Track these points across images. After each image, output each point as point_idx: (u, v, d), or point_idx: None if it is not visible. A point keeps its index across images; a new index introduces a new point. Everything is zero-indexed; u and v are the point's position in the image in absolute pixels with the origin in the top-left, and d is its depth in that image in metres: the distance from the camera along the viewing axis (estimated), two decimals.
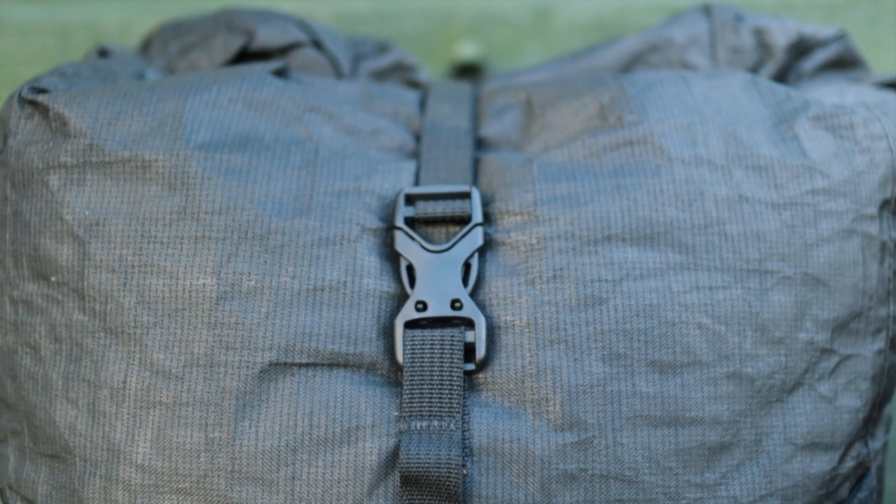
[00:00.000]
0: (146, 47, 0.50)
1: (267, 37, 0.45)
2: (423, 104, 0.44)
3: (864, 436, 0.39)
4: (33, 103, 0.39)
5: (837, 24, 0.65)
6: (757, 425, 0.37)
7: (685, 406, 0.36)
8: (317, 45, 0.46)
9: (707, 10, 0.48)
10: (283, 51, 0.46)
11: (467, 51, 0.65)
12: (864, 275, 0.39)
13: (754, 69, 0.47)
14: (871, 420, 0.39)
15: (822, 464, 0.37)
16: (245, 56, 0.47)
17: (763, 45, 0.47)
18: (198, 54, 0.46)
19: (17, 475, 0.38)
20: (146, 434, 0.36)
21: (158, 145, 0.37)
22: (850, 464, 0.38)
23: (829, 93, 0.44)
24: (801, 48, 0.48)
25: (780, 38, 0.47)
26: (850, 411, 0.38)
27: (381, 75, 0.48)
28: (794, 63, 0.48)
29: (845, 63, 0.49)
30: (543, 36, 0.67)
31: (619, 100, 0.40)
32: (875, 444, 0.40)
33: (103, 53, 0.47)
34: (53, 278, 0.38)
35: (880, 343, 0.39)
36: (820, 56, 0.48)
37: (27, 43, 0.66)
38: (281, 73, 0.41)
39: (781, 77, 0.48)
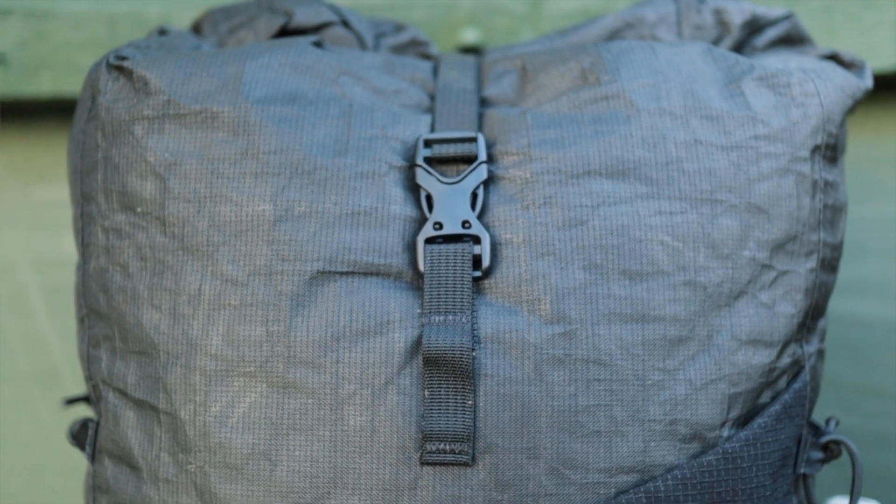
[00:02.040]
0: (197, 28, 0.56)
1: (304, 17, 0.52)
2: (435, 71, 0.50)
3: (799, 339, 0.46)
4: (119, 68, 0.46)
5: (796, 10, 0.70)
6: (709, 324, 0.43)
7: (650, 306, 0.43)
8: (345, 24, 0.53)
9: None
10: (317, 29, 0.53)
11: (469, 36, 0.70)
12: (797, 206, 0.45)
13: (714, 44, 0.53)
14: (804, 326, 0.46)
15: (762, 357, 0.44)
16: (285, 33, 0.53)
17: (721, 23, 0.53)
18: (245, 32, 0.53)
19: (109, 371, 0.45)
20: (218, 330, 0.42)
21: (224, 100, 0.44)
22: (786, 360, 0.45)
23: (776, 61, 0.50)
24: (755, 26, 0.54)
25: (737, 17, 0.53)
26: (786, 316, 0.45)
27: (399, 49, 0.54)
28: (748, 39, 0.54)
29: (794, 40, 0.54)
30: (536, 23, 0.72)
31: (597, 63, 0.47)
32: (809, 349, 0.47)
33: (163, 32, 0.54)
34: (139, 209, 0.45)
35: (812, 263, 0.46)
36: (771, 33, 0.54)
37: (79, 32, 0.71)
38: (318, 45, 0.48)
39: (737, 51, 0.54)
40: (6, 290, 0.78)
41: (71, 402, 0.52)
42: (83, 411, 0.78)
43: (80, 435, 0.48)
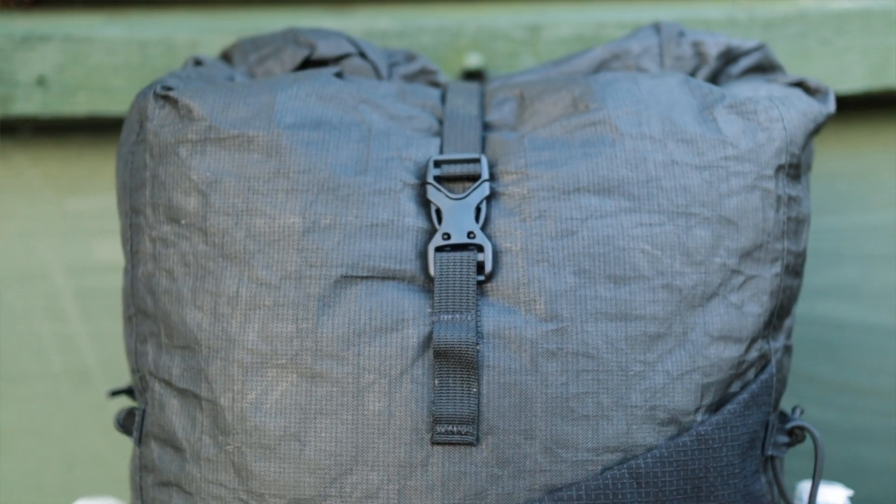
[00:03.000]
0: (226, 57, 0.61)
1: (325, 49, 0.57)
2: (443, 98, 0.54)
3: (765, 336, 0.50)
4: (165, 97, 0.50)
5: (773, 36, 0.74)
6: (684, 322, 0.47)
7: (632, 306, 0.47)
8: (362, 55, 0.57)
9: (657, 28, 0.59)
10: (337, 60, 0.57)
11: (473, 60, 0.74)
12: (763, 218, 0.49)
13: (692, 73, 0.57)
14: (770, 325, 0.50)
15: (732, 351, 0.48)
16: (308, 64, 0.57)
17: (699, 53, 0.57)
18: (272, 63, 0.57)
19: (156, 364, 0.50)
20: (253, 327, 0.47)
21: (258, 125, 0.48)
22: (754, 354, 0.49)
23: (747, 89, 0.54)
24: (729, 56, 0.58)
25: (713, 48, 0.57)
26: (754, 316, 0.49)
27: (411, 77, 0.58)
28: (724, 68, 0.58)
29: (765, 68, 0.59)
30: (534, 48, 0.75)
31: (586, 93, 0.51)
32: (776, 344, 0.51)
33: (198, 63, 0.59)
34: (183, 221, 0.49)
35: (777, 268, 0.50)
36: (744, 62, 0.58)
37: (113, 56, 0.74)
38: (339, 76, 0.53)
39: (714, 79, 0.58)
40: (40, 294, 0.81)
41: (115, 393, 0.57)
42: (112, 405, 0.83)
43: (127, 422, 0.53)
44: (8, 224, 0.81)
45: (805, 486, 0.56)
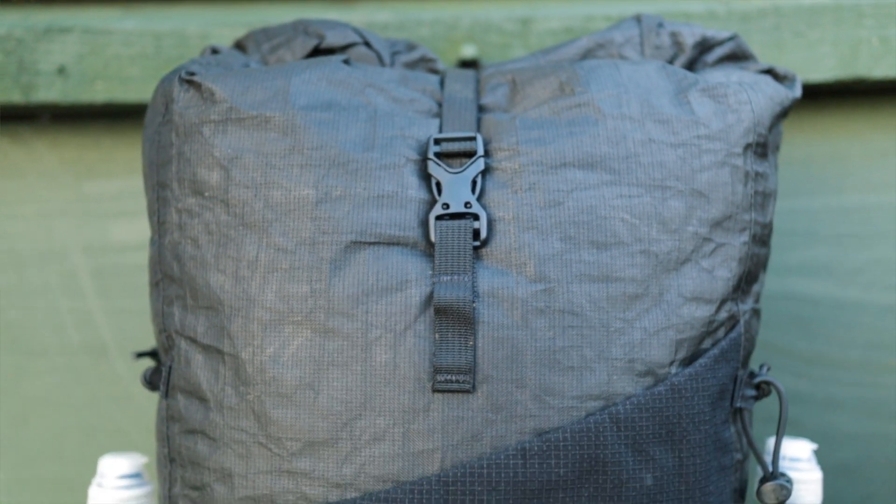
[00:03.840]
0: (240, 47, 0.63)
1: (333, 39, 0.60)
2: (442, 84, 0.57)
3: (734, 298, 0.53)
4: (189, 82, 0.53)
5: (749, 28, 0.76)
6: (660, 284, 0.50)
7: (613, 269, 0.50)
8: (367, 44, 0.60)
9: (638, 19, 0.62)
10: (344, 48, 0.60)
11: (468, 51, 0.76)
12: (732, 192, 0.53)
13: (670, 61, 0.60)
14: (739, 288, 0.54)
15: (703, 311, 0.51)
16: (317, 52, 0.60)
17: (677, 43, 0.60)
18: (283, 51, 0.60)
19: (182, 323, 0.53)
20: (271, 288, 0.50)
21: (275, 107, 0.51)
22: (723, 314, 0.53)
23: (720, 75, 0.57)
24: (705, 46, 0.61)
25: (689, 38, 0.60)
26: (723, 280, 0.52)
27: (411, 65, 0.61)
28: (700, 57, 0.61)
29: (738, 57, 0.62)
30: (526, 40, 0.78)
31: (572, 78, 0.54)
32: (744, 307, 0.55)
33: (215, 51, 0.62)
34: (207, 193, 0.52)
35: (745, 237, 0.53)
36: (719, 51, 0.61)
37: (129, 47, 0.77)
38: (347, 63, 0.56)
39: (690, 67, 0.61)
40: (59, 273, 0.83)
41: (140, 355, 0.61)
42: (126, 377, 0.84)
43: (154, 378, 0.57)
44: (28, 206, 0.84)
45: (772, 441, 0.60)
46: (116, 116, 0.83)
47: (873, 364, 0.84)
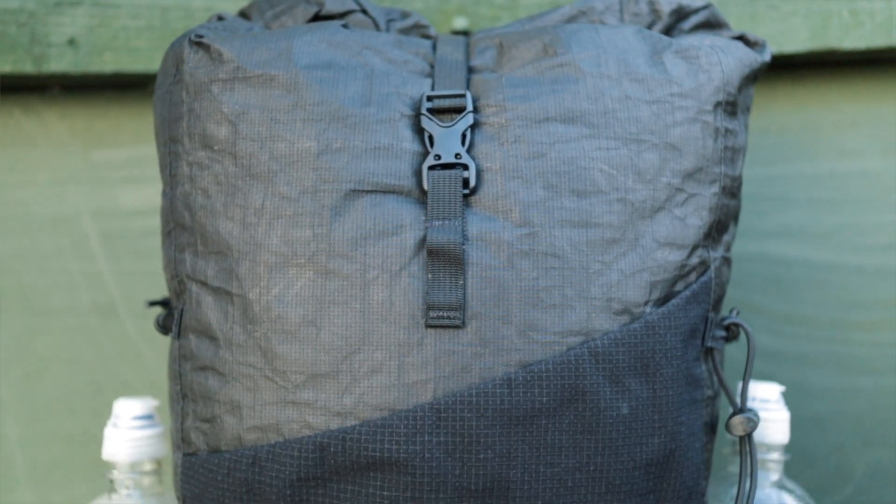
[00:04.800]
0: (244, 15, 0.67)
1: (332, 6, 0.62)
2: (434, 48, 0.60)
3: (706, 245, 0.57)
4: (199, 44, 0.57)
5: (726, 1, 0.80)
6: (636, 230, 0.53)
7: (592, 216, 0.52)
8: (364, 11, 0.63)
9: None
10: (342, 15, 0.63)
11: (459, 23, 0.80)
12: (703, 146, 0.56)
13: (648, 27, 0.63)
14: (710, 236, 0.57)
15: (676, 256, 0.54)
16: (317, 19, 0.63)
17: (654, 11, 0.63)
18: (286, 18, 0.63)
19: (193, 268, 0.56)
20: (276, 233, 0.52)
21: (279, 66, 0.54)
22: (695, 260, 0.56)
23: (693, 40, 0.60)
24: (680, 14, 0.64)
25: (666, 6, 0.63)
26: (695, 227, 0.55)
27: (406, 31, 0.64)
28: (676, 24, 0.64)
29: (713, 25, 0.65)
30: (514, 12, 0.81)
31: (554, 40, 0.57)
32: (715, 254, 0.58)
33: (221, 18, 0.66)
34: (216, 147, 0.55)
35: (715, 189, 0.57)
36: (694, 19, 0.64)
37: (137, 19, 0.81)
38: (346, 27, 0.59)
39: (667, 33, 0.63)
40: (70, 236, 0.87)
41: (152, 304, 0.65)
42: (134, 336, 0.88)
43: (167, 321, 0.61)
44: (40, 174, 0.87)
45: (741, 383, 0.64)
46: (123, 88, 0.86)
47: (844, 322, 0.88)
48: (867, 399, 0.88)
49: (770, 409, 0.66)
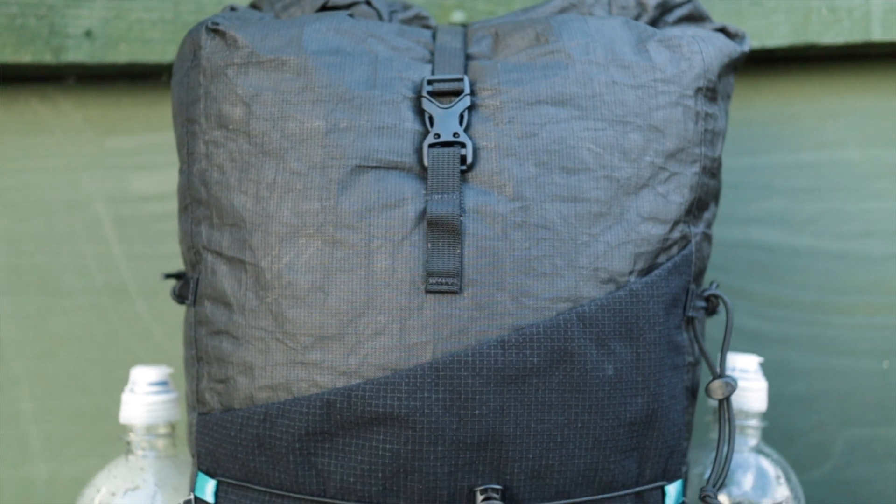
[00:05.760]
0: (255, 6, 0.71)
1: None
2: (434, 37, 0.64)
3: (687, 221, 0.60)
4: (215, 31, 0.60)
5: None
6: (621, 205, 0.56)
7: (580, 191, 0.55)
8: (368, 3, 0.67)
9: None
10: (348, 6, 0.66)
11: (457, 17, 0.83)
12: (684, 128, 0.59)
13: (635, 19, 0.67)
14: (691, 213, 0.60)
15: (658, 230, 0.58)
16: (324, 9, 0.66)
17: (640, 4, 0.67)
18: (295, 9, 0.66)
19: (208, 239, 0.60)
20: (287, 205, 0.55)
21: (290, 51, 0.57)
22: (676, 234, 0.59)
23: (677, 31, 0.64)
24: (665, 7, 0.67)
25: (651, 0, 0.68)
26: (676, 204, 0.59)
27: (407, 22, 0.67)
28: (661, 17, 0.68)
29: (695, 18, 0.68)
30: (510, 7, 0.84)
31: (546, 30, 0.60)
32: (696, 230, 0.61)
33: (233, 9, 0.71)
34: (231, 126, 0.58)
35: (696, 168, 0.60)
36: (678, 13, 0.68)
37: (150, 12, 0.84)
38: (351, 16, 0.64)
39: (653, 25, 0.67)
40: (84, 220, 0.90)
41: (168, 276, 0.69)
42: (144, 315, 0.90)
43: (183, 290, 0.64)
44: (56, 160, 0.91)
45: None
46: (136, 78, 0.90)
47: (824, 305, 0.91)
48: (846, 379, 0.91)
49: (749, 379, 0.69)
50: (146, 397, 0.67)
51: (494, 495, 0.55)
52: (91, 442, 0.89)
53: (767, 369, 0.72)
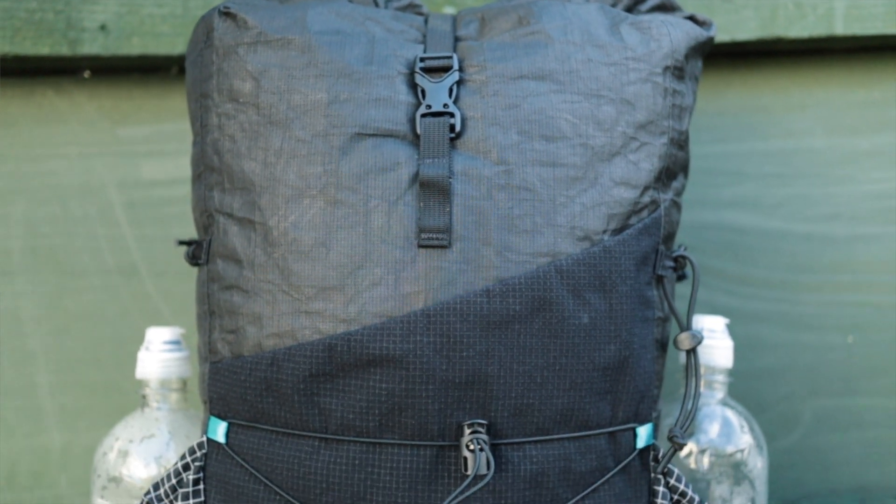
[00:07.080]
0: None
1: None
2: (426, 22, 0.69)
3: (657, 187, 0.65)
4: (227, 14, 0.66)
5: None
6: (595, 170, 0.61)
7: (559, 157, 0.60)
8: None
9: None
10: None
11: (448, 11, 0.88)
12: (654, 102, 0.64)
13: (611, 6, 0.76)
14: (660, 180, 0.65)
15: (630, 194, 0.62)
16: None
17: None
18: None
19: (220, 202, 0.65)
20: (293, 170, 0.60)
21: (295, 31, 0.63)
22: (647, 199, 0.64)
23: (648, 16, 0.72)
24: None
25: None
26: (646, 171, 0.64)
27: (402, 9, 0.73)
28: (634, 6, 0.73)
29: (667, 8, 0.74)
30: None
31: (528, 13, 0.66)
32: (665, 196, 0.66)
33: None
34: (241, 100, 0.63)
35: (664, 139, 0.65)
36: (651, 2, 0.73)
37: (161, 7, 0.89)
38: (351, 2, 0.72)
39: (627, 11, 0.74)
40: (97, 205, 0.94)
41: (181, 243, 0.74)
42: (153, 294, 0.94)
43: (196, 251, 0.70)
44: (70, 148, 0.95)
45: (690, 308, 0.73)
46: (146, 71, 0.95)
47: (793, 283, 0.96)
48: (813, 353, 0.96)
49: (716, 338, 0.75)
50: (160, 354, 0.72)
51: (480, 429, 0.60)
52: (103, 413, 0.92)
53: (739, 344, 0.76)
